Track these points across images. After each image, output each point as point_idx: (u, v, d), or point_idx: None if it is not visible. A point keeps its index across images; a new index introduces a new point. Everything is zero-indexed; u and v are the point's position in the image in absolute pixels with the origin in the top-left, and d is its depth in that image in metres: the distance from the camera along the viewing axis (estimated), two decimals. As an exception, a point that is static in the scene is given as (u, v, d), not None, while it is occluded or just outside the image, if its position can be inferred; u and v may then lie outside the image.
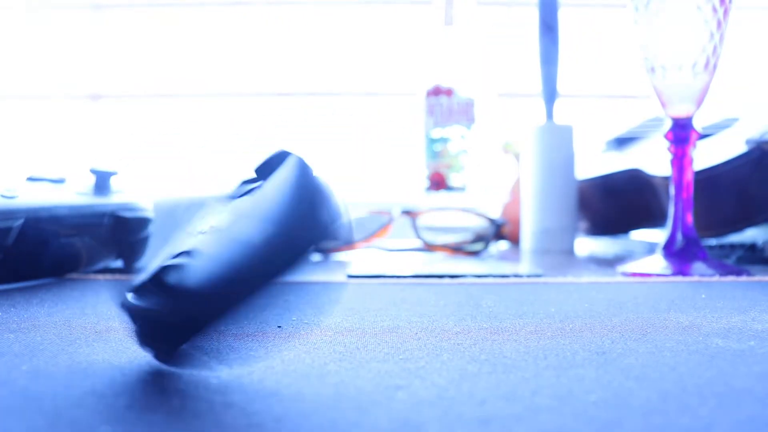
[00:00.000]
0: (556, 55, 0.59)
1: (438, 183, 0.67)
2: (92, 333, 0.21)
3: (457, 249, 0.54)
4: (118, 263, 0.39)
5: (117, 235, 0.36)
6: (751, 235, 0.50)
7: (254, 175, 0.18)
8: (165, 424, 0.13)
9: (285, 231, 0.14)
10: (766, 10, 1.57)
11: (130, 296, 0.16)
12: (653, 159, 0.53)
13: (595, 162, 0.63)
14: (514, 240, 0.65)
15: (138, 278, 0.16)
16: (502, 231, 0.54)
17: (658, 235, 0.58)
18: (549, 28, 0.58)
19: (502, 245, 0.64)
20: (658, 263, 0.40)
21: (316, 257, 0.53)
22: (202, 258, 0.15)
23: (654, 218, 0.55)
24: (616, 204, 0.58)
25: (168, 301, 0.15)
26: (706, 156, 0.46)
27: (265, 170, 0.18)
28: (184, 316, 0.14)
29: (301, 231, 0.14)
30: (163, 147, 1.65)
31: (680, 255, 0.40)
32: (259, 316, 0.23)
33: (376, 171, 1.63)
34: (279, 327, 0.23)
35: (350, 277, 0.38)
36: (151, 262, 0.16)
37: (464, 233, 0.57)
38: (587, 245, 0.66)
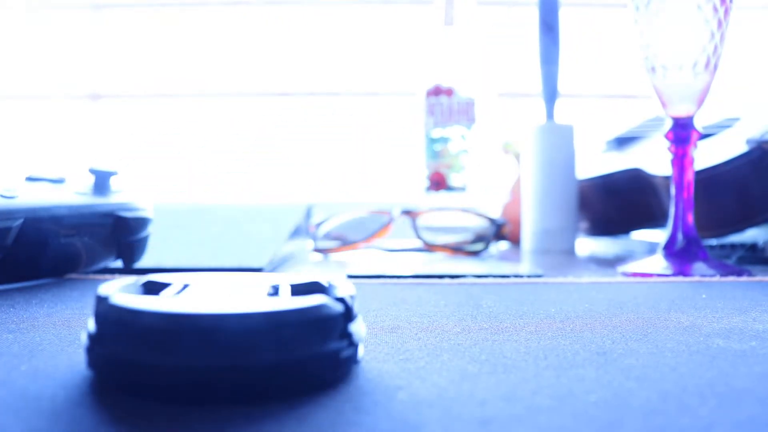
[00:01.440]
0: (556, 55, 0.59)
1: (438, 183, 0.67)
2: (92, 333, 0.21)
3: (457, 249, 0.54)
4: (118, 263, 0.39)
5: (117, 235, 0.36)
6: (751, 235, 0.50)
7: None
8: (165, 425, 0.12)
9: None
10: (766, 10, 1.57)
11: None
12: (654, 159, 0.53)
13: (596, 162, 0.63)
14: (515, 240, 0.65)
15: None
16: (502, 231, 0.54)
17: (659, 235, 0.58)
18: (549, 28, 0.58)
19: (503, 245, 0.64)
20: (658, 263, 0.40)
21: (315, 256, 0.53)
22: None
23: (654, 218, 0.55)
24: (617, 204, 0.58)
25: None
26: (706, 156, 0.46)
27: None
28: None
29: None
30: (163, 147, 1.65)
31: (681, 255, 0.40)
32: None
33: (376, 171, 1.63)
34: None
35: (350, 277, 0.38)
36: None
37: (464, 233, 0.57)
38: (588, 245, 0.66)
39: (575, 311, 0.26)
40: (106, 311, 0.15)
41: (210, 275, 0.20)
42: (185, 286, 0.18)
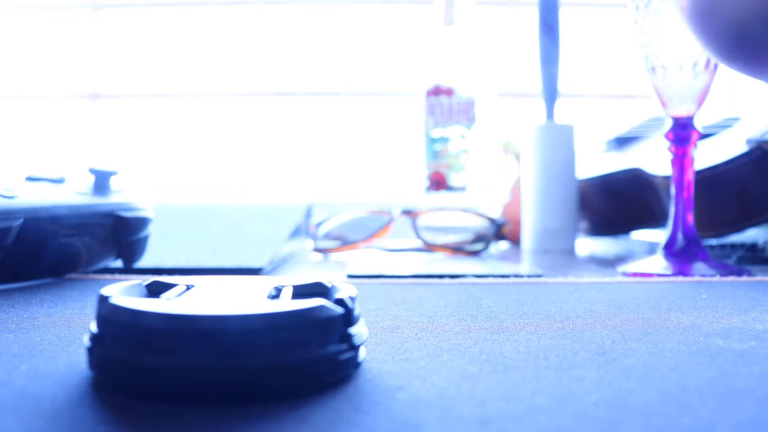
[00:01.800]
0: (556, 55, 0.59)
1: (438, 183, 0.67)
2: (91, 333, 0.21)
3: (457, 249, 0.54)
4: (118, 263, 0.39)
5: (117, 235, 0.36)
6: (751, 235, 0.50)
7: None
8: (165, 425, 0.12)
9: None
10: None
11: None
12: (654, 159, 0.53)
13: (596, 162, 0.63)
14: (515, 240, 0.65)
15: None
16: (502, 231, 0.54)
17: (659, 235, 0.58)
18: (549, 28, 0.58)
19: (503, 245, 0.64)
20: (658, 263, 0.40)
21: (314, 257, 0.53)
22: None
23: (654, 218, 0.55)
24: (617, 204, 0.58)
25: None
26: (706, 156, 0.46)
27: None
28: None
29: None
30: (163, 147, 1.65)
31: (681, 255, 0.40)
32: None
33: (376, 171, 1.63)
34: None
35: (350, 277, 0.38)
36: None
37: (464, 233, 0.57)
38: (588, 245, 0.66)
39: (575, 311, 0.26)
40: (107, 312, 0.15)
41: (216, 278, 0.20)
42: (188, 288, 0.18)
